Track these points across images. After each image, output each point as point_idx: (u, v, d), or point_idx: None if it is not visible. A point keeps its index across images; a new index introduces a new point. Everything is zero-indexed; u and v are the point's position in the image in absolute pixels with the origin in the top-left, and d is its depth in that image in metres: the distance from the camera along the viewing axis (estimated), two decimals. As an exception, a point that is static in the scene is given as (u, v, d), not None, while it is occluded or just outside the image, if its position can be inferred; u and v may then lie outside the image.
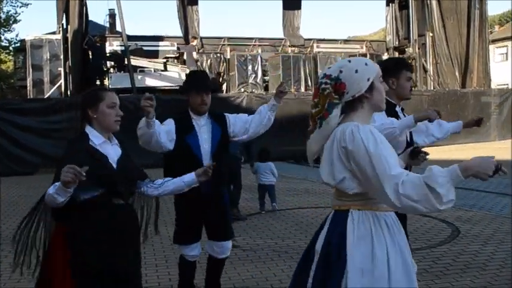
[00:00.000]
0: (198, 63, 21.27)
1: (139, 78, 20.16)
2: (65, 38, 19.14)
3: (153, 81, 20.90)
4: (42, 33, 20.71)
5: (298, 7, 26.36)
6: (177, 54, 22.85)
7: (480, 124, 4.90)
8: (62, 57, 19.16)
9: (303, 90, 20.67)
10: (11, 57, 37.37)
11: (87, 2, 20.90)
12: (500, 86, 33.52)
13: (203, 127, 4.71)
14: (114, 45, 21.71)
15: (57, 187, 2.85)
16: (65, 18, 19.43)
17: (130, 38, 21.11)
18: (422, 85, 24.85)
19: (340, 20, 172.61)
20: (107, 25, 28.60)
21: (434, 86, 24.72)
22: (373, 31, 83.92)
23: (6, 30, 34.50)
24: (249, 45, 25.95)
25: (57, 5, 19.43)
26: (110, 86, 19.89)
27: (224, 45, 24.95)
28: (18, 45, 32.34)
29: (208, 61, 22.46)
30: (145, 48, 21.93)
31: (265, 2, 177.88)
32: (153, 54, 21.99)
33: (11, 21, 34.36)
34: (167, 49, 22.77)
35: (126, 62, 19.64)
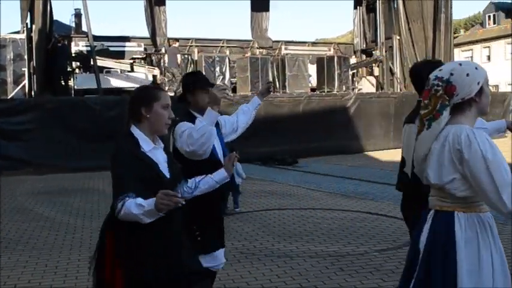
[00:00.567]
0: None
1: (105, 78, 19.91)
2: (29, 37, 18.76)
3: (119, 82, 20.67)
4: (5, 33, 20.29)
5: (267, 9, 26.42)
6: (144, 55, 22.66)
7: None
8: (26, 57, 18.76)
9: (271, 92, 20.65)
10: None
11: (52, 1, 20.58)
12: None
13: None
14: (79, 45, 21.42)
15: (146, 210, 2.73)
16: (29, 17, 19.06)
17: (97, 38, 20.84)
18: (389, 87, 25.11)
19: (308, 23, 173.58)
20: (73, 25, 28.23)
21: (401, 88, 24.99)
22: (341, 34, 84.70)
23: (-32, 29, 33.79)
24: (217, 46, 25.90)
25: (21, 4, 19.03)
26: (75, 87, 19.66)
27: (192, 46, 24.86)
28: (-19, 44, 31.64)
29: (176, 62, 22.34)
30: (111, 48, 21.67)
31: (233, 3, 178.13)
32: (119, 55, 21.77)
33: (-27, 21, 33.66)
34: (134, 50, 22.57)
35: (92, 62, 19.37)
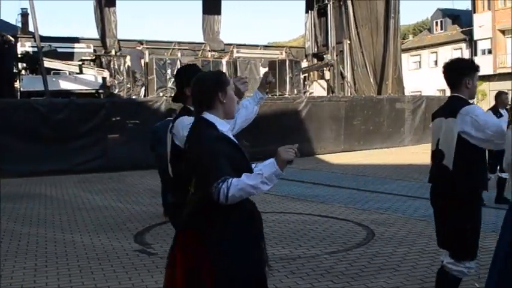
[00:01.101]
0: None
1: (53, 80, 19.44)
2: (-27, 38, 18.25)
3: (67, 84, 20.21)
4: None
5: (218, 12, 26.36)
6: (93, 57, 22.26)
7: None
8: (-31, 57, 18.24)
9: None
10: None
11: (-2, 0, 20.01)
12: (413, 93, 34.80)
13: None
14: (26, 45, 20.86)
15: (267, 175, 2.68)
16: (-27, 17, 18.52)
17: (44, 39, 20.40)
18: (340, 91, 25.40)
19: (260, 26, 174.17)
20: (19, 25, 27.53)
21: (352, 92, 25.34)
22: (292, 37, 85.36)
23: None
24: (168, 48, 25.68)
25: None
26: (21, 89, 19.15)
27: (136, 47, 24.55)
28: None
29: (126, 64, 22.03)
30: (59, 49, 21.19)
31: (185, 6, 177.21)
32: (68, 56, 21.29)
33: None
34: (83, 51, 22.12)
35: (39, 63, 18.91)
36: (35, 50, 19.65)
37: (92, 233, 8.26)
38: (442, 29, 51.95)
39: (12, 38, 21.24)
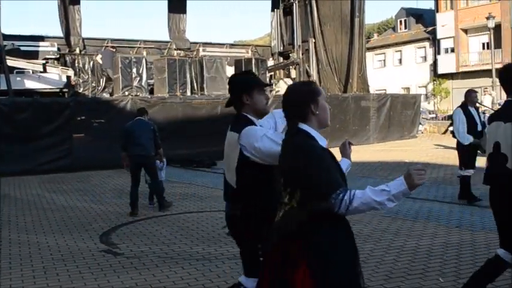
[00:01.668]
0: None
1: (16, 79, 19.14)
2: None
3: (31, 83, 19.94)
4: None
5: (184, 11, 26.27)
6: (58, 56, 21.96)
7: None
8: None
9: (189, 93, 20.55)
10: None
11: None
12: (378, 91, 35.20)
13: None
14: (-12, 44, 20.47)
15: (394, 193, 2.63)
16: None
17: (6, 37, 19.98)
18: (306, 90, 25.51)
19: (226, 25, 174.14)
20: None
21: (317, 90, 25.44)
22: (259, 36, 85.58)
23: None
24: (134, 47, 25.51)
25: None
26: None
27: (108, 46, 24.33)
28: None
29: (91, 63, 21.80)
30: (23, 48, 20.89)
31: (150, 4, 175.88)
32: (31, 55, 20.98)
33: None
34: (47, 50, 21.82)
35: (1, 62, 18.55)
36: (-3, 48, 19.29)
37: (57, 233, 8.16)
38: (406, 28, 52.67)
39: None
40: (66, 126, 16.43)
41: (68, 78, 20.61)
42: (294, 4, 26.56)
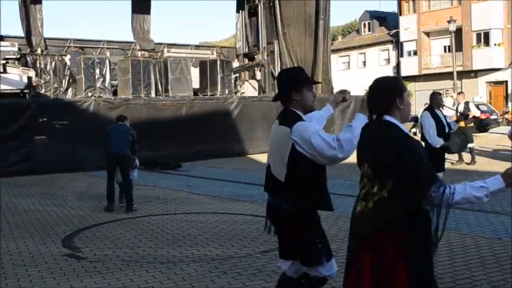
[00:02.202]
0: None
1: (-25, 80, 18.72)
2: None
3: (-9, 84, 19.48)
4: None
5: (148, 11, 26.06)
6: (18, 56, 21.52)
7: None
8: None
9: (153, 95, 20.36)
10: None
11: None
12: (342, 93, 35.44)
13: None
14: None
15: (492, 190, 2.78)
16: None
17: (-35, 37, 19.58)
18: (271, 91, 25.55)
19: (191, 26, 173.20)
20: None
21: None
22: (224, 37, 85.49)
23: None
24: (97, 47, 25.19)
25: None
26: None
27: (70, 47, 23.97)
28: None
29: (53, 63, 21.44)
30: (-19, 48, 20.42)
31: (114, 4, 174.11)
32: (-9, 55, 20.52)
33: None
34: (7, 50, 21.33)
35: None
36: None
37: (18, 238, 7.98)
38: (369, 30, 53.30)
39: None
40: (27, 127, 16.08)
41: (29, 78, 20.22)
42: (259, 5, 26.56)
